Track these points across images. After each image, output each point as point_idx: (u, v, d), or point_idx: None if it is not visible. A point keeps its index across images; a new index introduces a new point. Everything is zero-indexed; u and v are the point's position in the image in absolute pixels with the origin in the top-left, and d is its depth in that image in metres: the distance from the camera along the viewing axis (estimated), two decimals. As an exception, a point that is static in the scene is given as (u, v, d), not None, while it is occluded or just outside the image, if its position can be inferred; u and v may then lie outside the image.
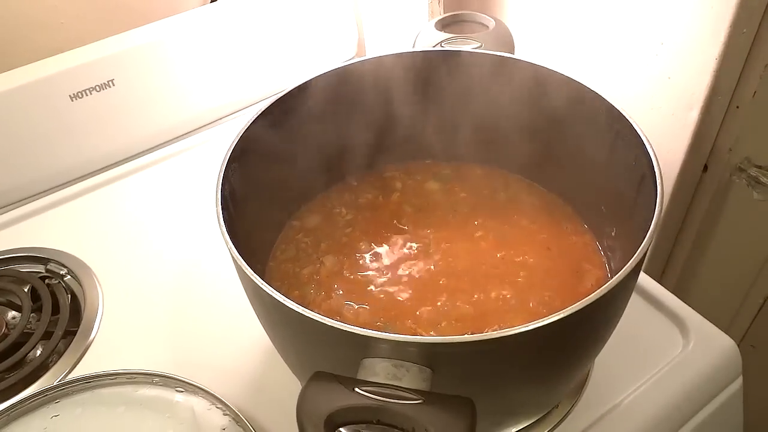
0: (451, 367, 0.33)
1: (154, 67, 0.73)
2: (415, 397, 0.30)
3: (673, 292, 0.56)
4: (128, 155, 0.76)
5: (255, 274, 0.35)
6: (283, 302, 0.34)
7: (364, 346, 0.32)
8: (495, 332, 0.31)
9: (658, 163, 0.40)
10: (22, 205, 0.71)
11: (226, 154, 0.44)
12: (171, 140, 0.78)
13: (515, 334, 0.31)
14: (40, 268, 0.63)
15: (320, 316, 0.33)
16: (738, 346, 0.52)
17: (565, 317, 0.32)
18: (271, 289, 0.35)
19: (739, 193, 0.67)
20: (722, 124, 0.62)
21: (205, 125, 0.80)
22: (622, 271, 0.34)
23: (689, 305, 0.55)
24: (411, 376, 0.32)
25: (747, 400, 0.53)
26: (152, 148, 0.77)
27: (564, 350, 0.37)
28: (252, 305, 0.42)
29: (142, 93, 0.73)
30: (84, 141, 0.72)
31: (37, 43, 0.71)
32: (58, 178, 0.72)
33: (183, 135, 0.79)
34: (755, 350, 0.83)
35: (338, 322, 0.32)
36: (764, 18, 0.54)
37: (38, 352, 0.56)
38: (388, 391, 0.31)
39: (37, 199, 0.71)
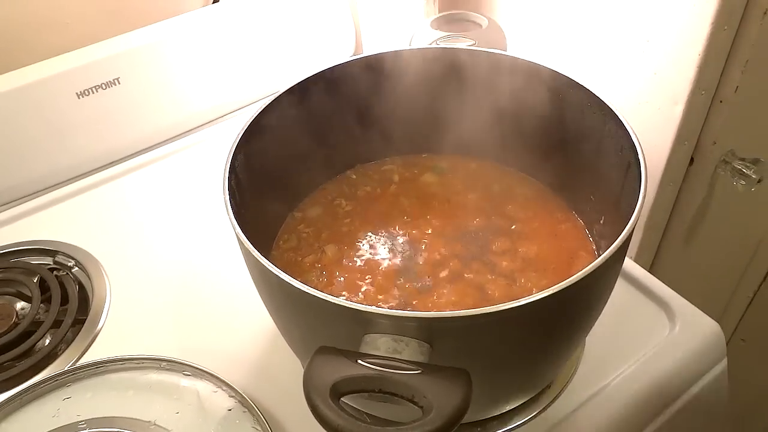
0: (447, 342, 0.35)
1: (158, 66, 0.74)
2: (414, 368, 0.32)
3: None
4: (133, 151, 0.77)
5: (261, 256, 0.37)
6: (289, 282, 0.36)
7: (367, 323, 0.34)
8: (489, 307, 0.33)
9: (641, 148, 0.42)
10: (31, 199, 0.72)
11: (233, 146, 0.46)
12: (174, 137, 0.80)
13: (508, 309, 0.33)
14: (48, 260, 0.64)
15: (325, 294, 0.35)
16: (729, 340, 0.54)
17: (554, 293, 0.34)
18: (277, 269, 0.36)
19: (724, 186, 0.69)
20: (706, 118, 0.64)
21: (207, 123, 0.82)
22: (608, 250, 0.36)
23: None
24: (410, 350, 0.33)
25: (738, 393, 0.55)
26: (156, 144, 0.79)
27: (555, 326, 0.39)
28: (257, 288, 0.43)
29: (146, 91, 0.75)
30: (90, 137, 0.73)
31: (43, 42, 0.72)
32: (66, 174, 0.74)
33: (186, 132, 0.81)
34: (745, 344, 0.84)
35: (342, 300, 0.34)
36: (744, 16, 0.56)
37: (47, 341, 0.57)
38: (388, 362, 0.32)
39: (46, 193, 0.73)
